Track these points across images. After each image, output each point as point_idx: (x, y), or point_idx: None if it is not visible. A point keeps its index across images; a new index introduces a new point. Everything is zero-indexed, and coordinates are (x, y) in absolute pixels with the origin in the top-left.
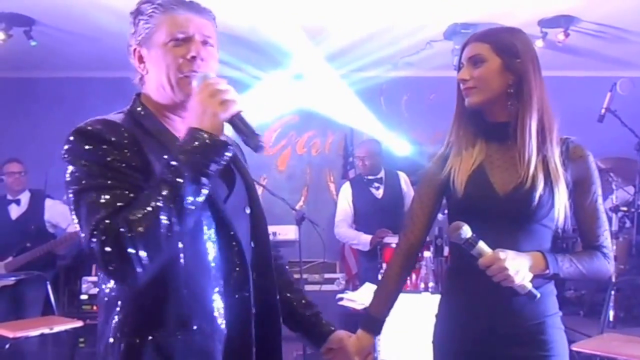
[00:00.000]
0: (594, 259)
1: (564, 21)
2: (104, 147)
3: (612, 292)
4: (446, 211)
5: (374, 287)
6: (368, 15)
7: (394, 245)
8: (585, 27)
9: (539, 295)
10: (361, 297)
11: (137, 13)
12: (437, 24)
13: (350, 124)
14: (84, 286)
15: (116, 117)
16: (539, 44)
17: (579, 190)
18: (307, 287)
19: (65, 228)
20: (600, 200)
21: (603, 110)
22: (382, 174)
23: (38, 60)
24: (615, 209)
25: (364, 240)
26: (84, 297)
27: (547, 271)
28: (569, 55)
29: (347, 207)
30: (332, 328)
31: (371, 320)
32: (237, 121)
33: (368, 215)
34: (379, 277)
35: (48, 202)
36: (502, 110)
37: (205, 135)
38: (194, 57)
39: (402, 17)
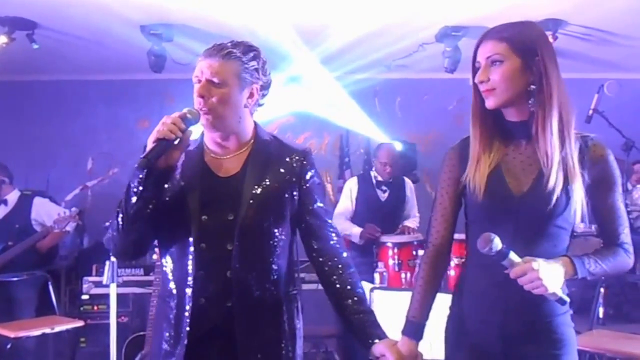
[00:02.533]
0: (617, 257)
1: (553, 24)
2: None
3: (602, 290)
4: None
5: (369, 285)
6: (361, 19)
7: (389, 244)
8: (573, 30)
9: (568, 300)
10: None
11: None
12: (428, 26)
13: (346, 125)
14: (85, 286)
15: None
16: None
17: (600, 189)
18: (305, 287)
19: (50, 224)
20: (620, 198)
21: (591, 111)
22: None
23: (40, 64)
24: None
25: (355, 232)
26: (84, 297)
27: (576, 276)
28: (557, 58)
29: (348, 203)
30: (377, 337)
31: (411, 326)
32: (154, 145)
33: (368, 214)
34: (375, 275)
35: (37, 201)
36: (523, 109)
37: (140, 161)
38: (198, 97)
39: (394, 20)
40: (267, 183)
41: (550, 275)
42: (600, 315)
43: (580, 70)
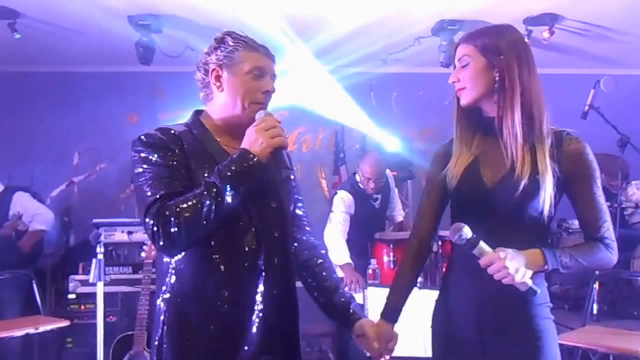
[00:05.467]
0: (595, 251)
1: (549, 19)
2: (147, 150)
3: (595, 286)
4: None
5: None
6: (356, 11)
7: (385, 241)
8: (570, 25)
9: (539, 291)
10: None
11: (222, 41)
12: (424, 20)
13: (341, 120)
14: (71, 285)
15: (176, 126)
16: None
17: (577, 183)
18: (299, 284)
19: (28, 222)
20: (599, 191)
21: (586, 107)
22: None
23: (23, 54)
24: None
25: (341, 260)
26: (71, 296)
27: (546, 267)
28: (553, 53)
29: (347, 223)
30: (358, 317)
31: (388, 310)
32: (278, 154)
33: (363, 222)
34: (367, 272)
35: (16, 196)
36: (493, 105)
37: (254, 158)
38: (267, 91)
39: (390, 12)
40: (285, 171)
41: (516, 265)
42: (594, 312)
43: (576, 65)
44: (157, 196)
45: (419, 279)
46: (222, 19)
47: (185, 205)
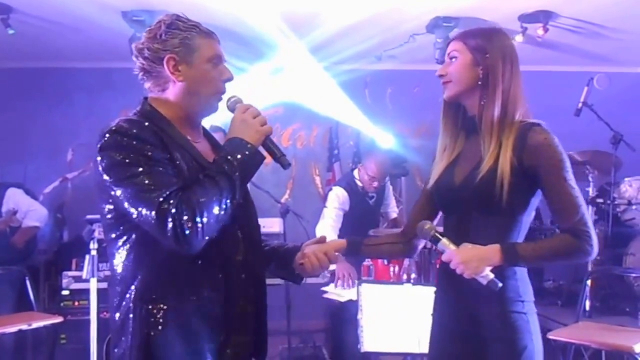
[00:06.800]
0: (561, 242)
1: (543, 16)
2: (136, 142)
3: (588, 283)
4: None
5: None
6: (351, 8)
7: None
8: (564, 22)
9: (500, 284)
10: (345, 290)
11: (172, 26)
12: (419, 17)
13: (335, 117)
14: (65, 281)
15: (140, 119)
16: (518, 38)
17: (542, 175)
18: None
19: (21, 218)
20: (566, 182)
21: (580, 105)
22: None
23: (17, 50)
24: (592, 201)
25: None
26: (65, 292)
27: (506, 263)
28: (547, 50)
29: (340, 214)
30: (302, 243)
31: (354, 239)
32: (268, 142)
33: (359, 219)
34: (361, 268)
35: (9, 192)
36: (475, 103)
37: (251, 147)
38: (228, 79)
39: (385, 9)
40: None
41: (469, 260)
42: (587, 308)
43: (570, 63)
44: (168, 192)
45: (413, 276)
46: (216, 15)
47: (206, 199)
